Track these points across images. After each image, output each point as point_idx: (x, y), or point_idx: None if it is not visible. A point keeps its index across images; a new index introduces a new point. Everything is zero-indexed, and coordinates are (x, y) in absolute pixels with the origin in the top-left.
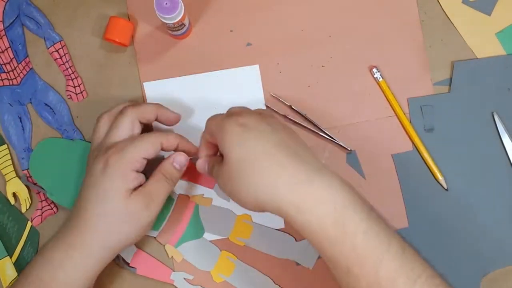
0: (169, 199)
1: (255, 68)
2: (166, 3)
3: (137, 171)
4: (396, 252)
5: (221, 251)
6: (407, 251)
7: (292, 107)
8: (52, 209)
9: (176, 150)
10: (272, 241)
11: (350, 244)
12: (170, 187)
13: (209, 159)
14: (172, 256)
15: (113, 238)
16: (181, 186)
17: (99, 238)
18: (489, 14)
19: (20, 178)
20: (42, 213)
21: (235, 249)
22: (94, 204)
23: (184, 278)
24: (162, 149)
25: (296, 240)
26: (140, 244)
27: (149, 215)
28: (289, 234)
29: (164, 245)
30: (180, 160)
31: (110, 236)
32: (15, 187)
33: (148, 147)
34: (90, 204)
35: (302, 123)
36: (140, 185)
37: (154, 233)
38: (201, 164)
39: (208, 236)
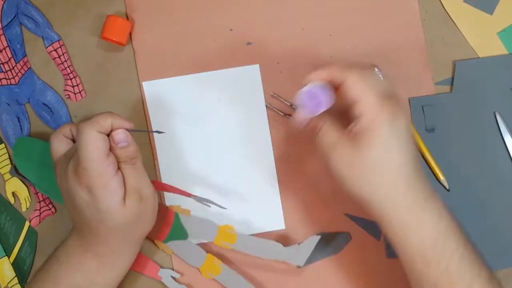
0: None
1: (255, 68)
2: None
3: (115, 170)
4: (485, 277)
5: (206, 253)
6: (494, 279)
7: (293, 107)
8: (50, 209)
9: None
10: (258, 248)
11: (444, 267)
12: (137, 163)
13: (321, 123)
14: (162, 249)
15: (135, 235)
16: (159, 197)
17: (123, 242)
18: (491, 13)
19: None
20: (40, 213)
21: (222, 251)
22: (99, 223)
23: (171, 276)
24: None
25: (284, 246)
26: None
27: (148, 201)
28: (276, 241)
29: (153, 240)
30: (120, 138)
31: (132, 236)
32: (15, 186)
33: (99, 144)
34: (96, 223)
35: None
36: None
37: None
38: (302, 120)
39: (193, 239)
